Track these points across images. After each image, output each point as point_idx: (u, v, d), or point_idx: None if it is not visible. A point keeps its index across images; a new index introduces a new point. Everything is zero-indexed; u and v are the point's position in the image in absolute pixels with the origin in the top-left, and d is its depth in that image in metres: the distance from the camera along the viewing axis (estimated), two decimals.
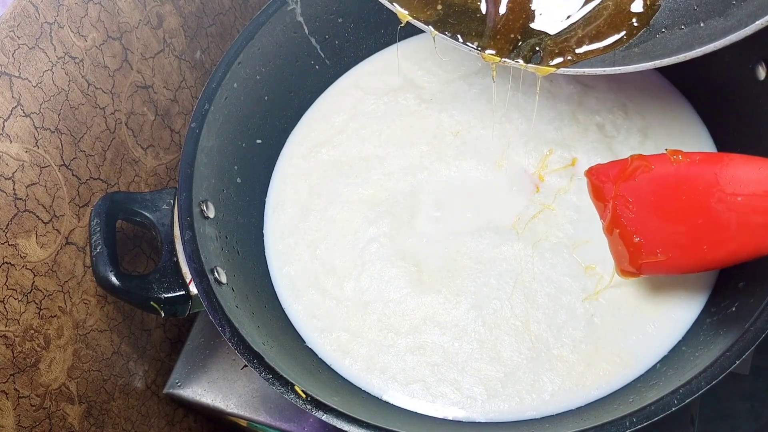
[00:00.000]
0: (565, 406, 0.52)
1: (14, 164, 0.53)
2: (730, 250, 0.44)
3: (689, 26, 0.43)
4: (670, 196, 0.44)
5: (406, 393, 0.54)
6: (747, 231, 0.42)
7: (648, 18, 0.45)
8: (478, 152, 0.63)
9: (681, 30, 0.44)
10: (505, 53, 0.47)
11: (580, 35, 0.46)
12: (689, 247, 0.45)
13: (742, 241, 0.43)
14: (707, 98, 0.61)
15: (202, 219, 0.57)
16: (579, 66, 0.45)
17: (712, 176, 0.42)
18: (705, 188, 0.43)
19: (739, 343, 0.44)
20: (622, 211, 0.46)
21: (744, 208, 0.42)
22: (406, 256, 0.59)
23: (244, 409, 0.65)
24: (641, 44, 0.45)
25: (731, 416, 0.84)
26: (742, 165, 0.42)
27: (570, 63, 0.46)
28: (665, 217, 0.45)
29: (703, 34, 0.42)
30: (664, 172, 0.44)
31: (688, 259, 0.46)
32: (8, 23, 0.52)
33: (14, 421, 0.53)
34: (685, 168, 0.43)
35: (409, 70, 0.70)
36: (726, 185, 0.42)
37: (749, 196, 0.42)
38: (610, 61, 0.45)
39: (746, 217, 0.42)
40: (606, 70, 0.44)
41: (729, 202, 0.42)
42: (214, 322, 0.51)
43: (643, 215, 0.45)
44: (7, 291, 0.53)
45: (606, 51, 0.45)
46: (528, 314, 0.55)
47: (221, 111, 0.61)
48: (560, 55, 0.46)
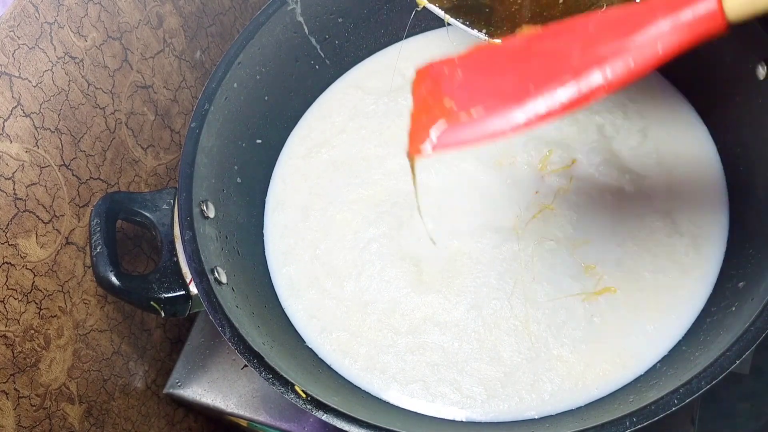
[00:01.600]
0: (565, 406, 0.52)
1: (14, 164, 0.53)
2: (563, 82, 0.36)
3: None
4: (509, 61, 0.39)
5: (405, 393, 0.54)
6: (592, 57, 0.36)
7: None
8: (478, 152, 0.63)
9: None
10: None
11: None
12: (511, 92, 0.38)
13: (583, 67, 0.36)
14: (707, 98, 0.61)
15: (202, 219, 0.57)
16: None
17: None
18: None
19: (739, 343, 0.44)
20: (445, 84, 0.40)
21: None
22: (406, 256, 0.59)
23: (244, 409, 0.65)
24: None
25: (731, 416, 0.84)
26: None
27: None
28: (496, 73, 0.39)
29: None
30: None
31: (503, 107, 0.37)
32: (8, 23, 0.52)
33: (14, 421, 0.53)
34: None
35: (409, 70, 0.70)
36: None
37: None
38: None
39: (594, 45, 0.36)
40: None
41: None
42: (214, 322, 0.51)
43: (471, 79, 0.40)
44: (7, 291, 0.53)
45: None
46: (528, 314, 0.55)
47: (221, 111, 0.61)
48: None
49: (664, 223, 0.57)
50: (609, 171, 0.59)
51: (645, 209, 0.58)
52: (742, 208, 0.56)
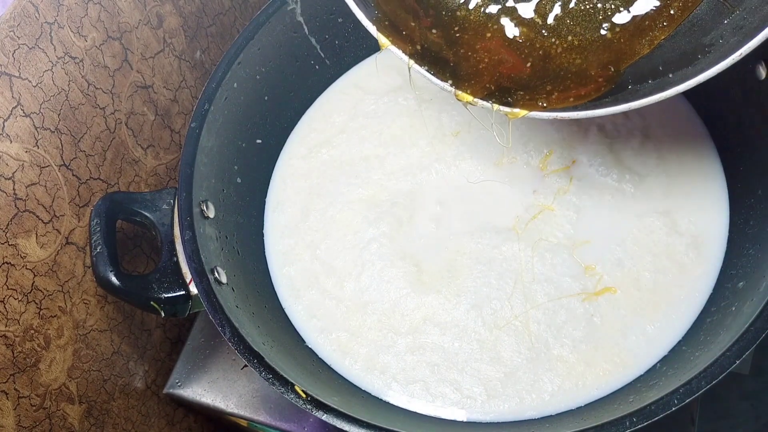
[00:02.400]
0: (565, 406, 0.52)
1: (14, 164, 0.53)
2: None
3: (656, 79, 0.44)
4: None
5: (406, 393, 0.54)
6: None
7: (614, 79, 0.46)
8: (478, 152, 0.63)
9: (649, 83, 0.45)
10: (477, 96, 0.48)
11: (549, 89, 0.47)
12: None
13: None
14: (707, 98, 0.61)
15: (202, 219, 0.57)
16: (549, 111, 0.46)
17: None
18: None
19: (739, 343, 0.44)
20: None
21: None
22: (406, 256, 0.59)
23: (244, 409, 0.65)
24: (611, 95, 0.46)
25: (731, 416, 0.84)
26: None
27: (541, 109, 0.47)
28: None
29: (673, 80, 0.43)
30: None
31: None
32: (8, 23, 0.52)
33: (14, 421, 0.53)
34: None
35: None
36: None
37: None
38: (581, 106, 0.46)
39: None
40: (578, 114, 0.45)
41: None
42: (214, 322, 0.51)
43: None
44: (7, 291, 0.53)
45: (577, 103, 0.46)
46: (528, 314, 0.55)
47: (221, 111, 0.61)
48: (532, 101, 0.47)
49: (664, 223, 0.57)
50: (609, 171, 0.59)
51: (645, 209, 0.58)
52: (742, 208, 0.56)
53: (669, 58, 0.45)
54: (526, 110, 0.46)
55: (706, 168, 0.59)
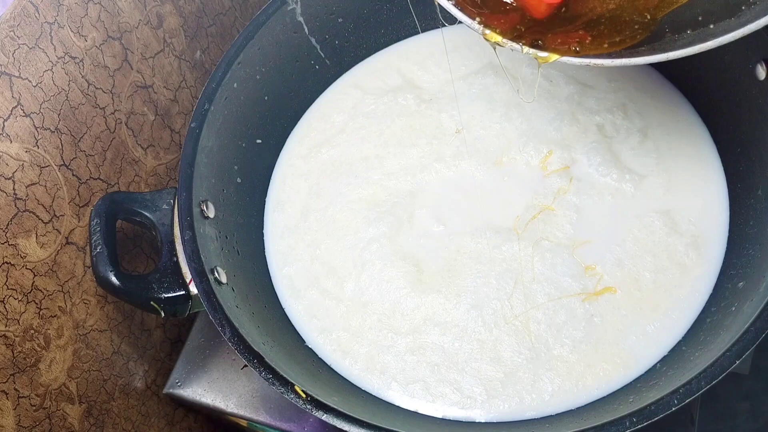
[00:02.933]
0: (565, 406, 0.52)
1: (14, 164, 0.53)
2: None
3: (696, 29, 0.44)
4: None
5: (406, 393, 0.54)
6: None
7: (650, 27, 0.45)
8: (478, 152, 0.63)
9: (688, 33, 0.44)
10: (507, 36, 0.47)
11: (581, 34, 0.46)
12: None
13: None
14: (707, 98, 0.61)
15: (202, 219, 0.57)
16: (582, 57, 0.45)
17: None
18: None
19: (739, 343, 0.44)
20: None
21: None
22: (406, 256, 0.59)
23: (244, 409, 0.65)
24: (647, 44, 0.45)
25: (731, 416, 0.84)
26: None
27: (573, 54, 0.45)
28: None
29: (713, 31, 0.42)
30: None
31: None
32: (8, 23, 0.52)
33: (14, 421, 0.53)
34: None
35: (408, 70, 0.70)
36: None
37: None
38: (616, 54, 0.45)
39: None
40: (613, 62, 0.44)
41: None
42: (214, 322, 0.51)
43: None
44: (7, 291, 0.53)
45: (611, 50, 0.45)
46: (528, 314, 0.55)
47: (221, 111, 0.61)
48: (564, 44, 0.46)
49: (664, 223, 0.57)
50: (609, 171, 0.59)
51: (645, 209, 0.58)
52: (742, 208, 0.56)
53: (710, 8, 0.43)
54: (558, 54, 0.45)
55: (706, 168, 0.59)
